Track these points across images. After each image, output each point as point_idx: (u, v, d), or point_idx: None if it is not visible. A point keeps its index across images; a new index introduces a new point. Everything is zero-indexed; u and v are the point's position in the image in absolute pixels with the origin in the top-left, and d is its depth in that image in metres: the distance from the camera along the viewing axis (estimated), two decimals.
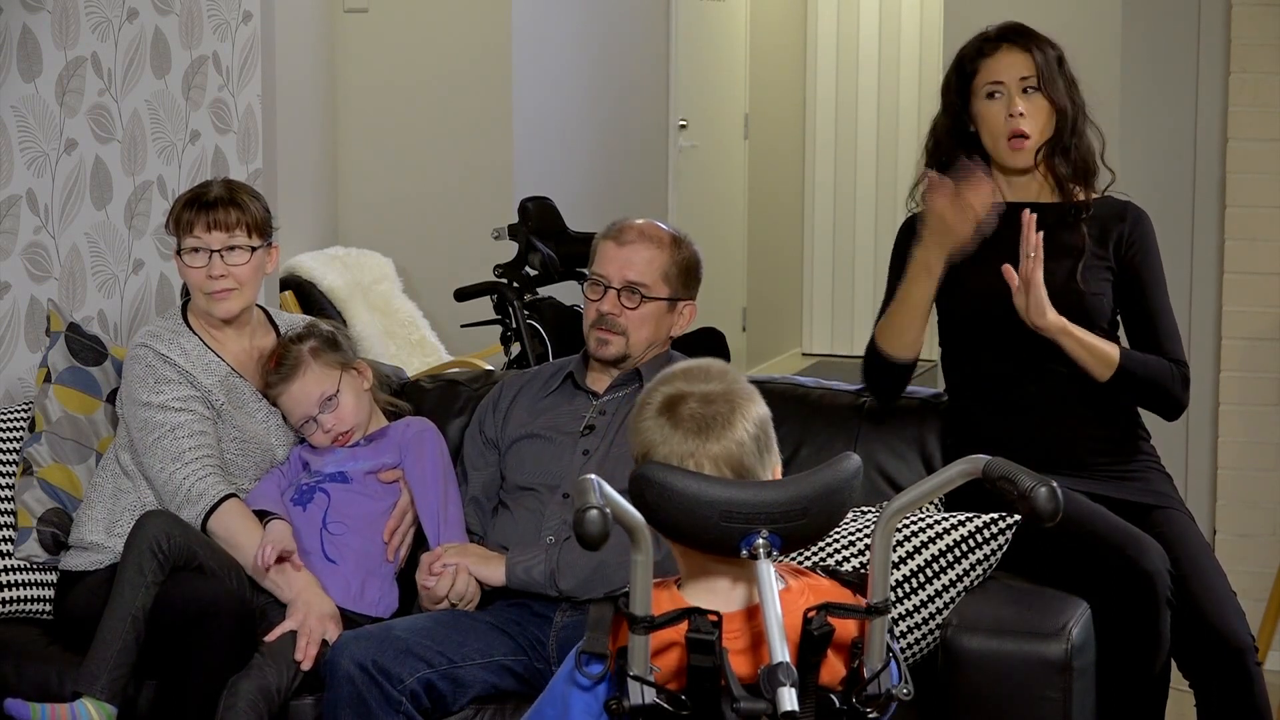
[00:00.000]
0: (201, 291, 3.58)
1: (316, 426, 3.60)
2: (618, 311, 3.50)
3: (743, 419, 2.39)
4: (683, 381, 2.41)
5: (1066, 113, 3.41)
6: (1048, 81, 3.40)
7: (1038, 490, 2.27)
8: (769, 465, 2.42)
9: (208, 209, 3.56)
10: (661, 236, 3.55)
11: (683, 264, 3.56)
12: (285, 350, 3.63)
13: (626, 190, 7.28)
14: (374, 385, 3.70)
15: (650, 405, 2.40)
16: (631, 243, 3.52)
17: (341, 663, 3.17)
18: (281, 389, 3.61)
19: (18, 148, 4.04)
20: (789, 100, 9.28)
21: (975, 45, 3.47)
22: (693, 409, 2.37)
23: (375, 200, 6.36)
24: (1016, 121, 3.39)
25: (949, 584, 3.21)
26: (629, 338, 3.50)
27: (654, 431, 2.38)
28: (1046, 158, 3.43)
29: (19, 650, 3.50)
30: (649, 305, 3.50)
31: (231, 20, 4.64)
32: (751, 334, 8.70)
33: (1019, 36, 3.44)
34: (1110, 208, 3.48)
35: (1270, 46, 4.68)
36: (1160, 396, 3.43)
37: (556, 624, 3.34)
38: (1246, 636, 3.24)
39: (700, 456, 2.36)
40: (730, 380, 2.43)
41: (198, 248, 3.56)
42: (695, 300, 3.60)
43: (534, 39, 6.45)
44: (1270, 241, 4.72)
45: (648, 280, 3.51)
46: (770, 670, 2.24)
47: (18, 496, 3.68)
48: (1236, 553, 4.69)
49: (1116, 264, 3.44)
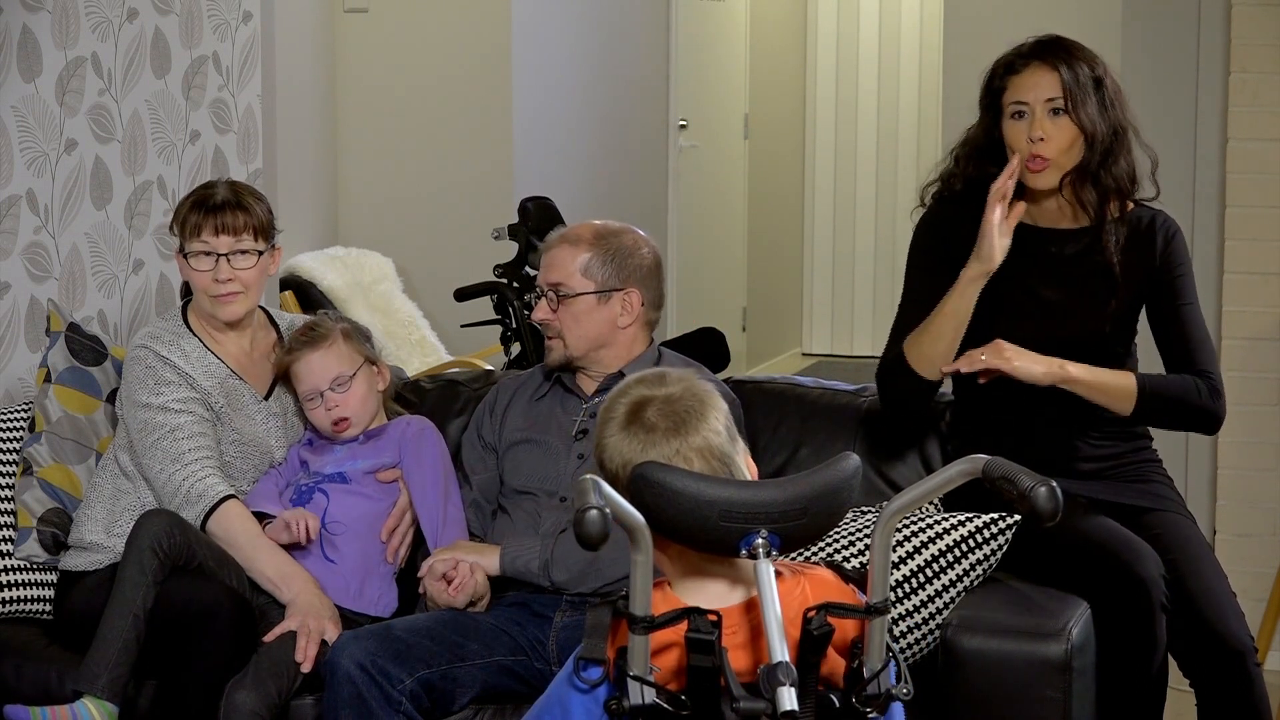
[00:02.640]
0: (207, 295, 3.58)
1: (320, 403, 3.59)
2: (549, 316, 3.51)
3: (713, 410, 2.42)
4: (640, 389, 2.44)
5: (1097, 137, 3.29)
6: (1076, 104, 3.28)
7: (1037, 490, 2.27)
8: (740, 452, 2.46)
9: (215, 212, 3.56)
10: (580, 234, 3.53)
11: (608, 255, 3.50)
12: (318, 321, 3.65)
13: (626, 190, 7.28)
14: (387, 390, 3.70)
15: (615, 420, 2.42)
16: (552, 248, 3.54)
17: (341, 663, 3.17)
18: (303, 354, 3.60)
19: (18, 148, 4.04)
20: (789, 100, 9.28)
21: (1008, 59, 3.36)
22: (661, 409, 2.40)
23: (375, 200, 6.36)
24: (1037, 146, 3.29)
25: (949, 584, 3.21)
26: (565, 339, 3.50)
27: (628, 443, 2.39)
28: (1071, 184, 3.33)
29: (19, 650, 3.50)
30: (575, 302, 3.49)
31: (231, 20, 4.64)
32: (751, 334, 8.70)
33: (1050, 53, 3.31)
34: (1139, 222, 3.39)
35: (1270, 46, 4.68)
36: (1190, 414, 3.36)
37: (556, 624, 3.34)
38: (1246, 639, 3.23)
39: (687, 451, 2.37)
40: (687, 379, 2.46)
41: (205, 251, 3.55)
42: (637, 289, 3.50)
43: (534, 39, 6.44)
44: (1270, 241, 4.72)
45: (565, 279, 3.50)
46: (770, 670, 2.24)
47: (18, 496, 3.68)
48: (1236, 553, 4.69)
49: (1148, 283, 3.37)
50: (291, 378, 3.63)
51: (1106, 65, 3.37)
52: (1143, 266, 3.38)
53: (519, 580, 3.41)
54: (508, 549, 3.39)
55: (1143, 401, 3.32)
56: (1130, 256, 3.37)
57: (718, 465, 2.40)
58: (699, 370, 3.56)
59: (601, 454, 2.43)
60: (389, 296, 5.99)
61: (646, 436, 2.39)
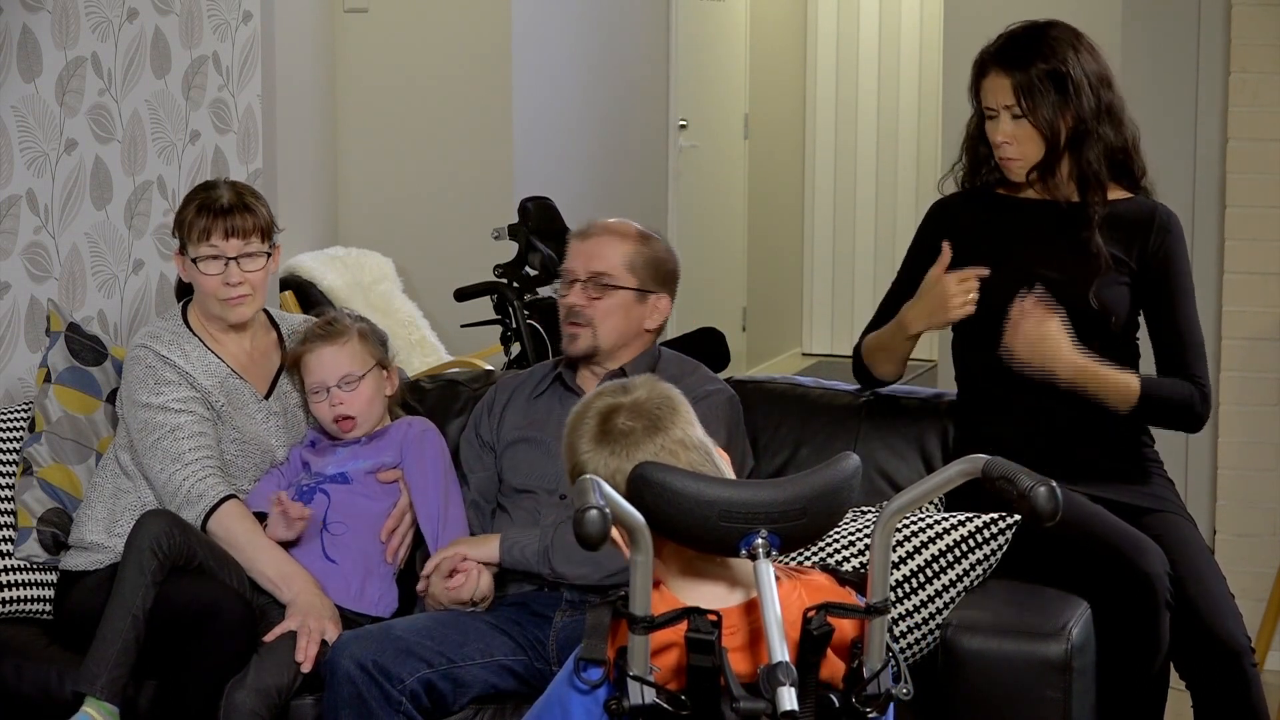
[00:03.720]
0: (217, 298, 3.58)
1: (326, 399, 3.59)
2: (584, 303, 3.50)
3: (682, 405, 2.46)
4: (608, 397, 2.46)
5: (1059, 134, 3.35)
6: (1028, 109, 3.34)
7: (1037, 490, 2.27)
8: (713, 444, 2.48)
9: (223, 215, 3.55)
10: (627, 230, 3.56)
11: (650, 257, 3.54)
12: (337, 317, 3.66)
13: (626, 190, 7.28)
14: (395, 396, 3.70)
15: (586, 434, 2.43)
16: (596, 236, 3.54)
17: (341, 663, 3.17)
18: (317, 347, 3.61)
19: (18, 148, 4.04)
20: (789, 100, 9.28)
21: (979, 59, 3.44)
22: (631, 414, 2.42)
23: (375, 200, 6.36)
24: (1001, 148, 3.39)
25: (949, 584, 3.21)
26: (596, 329, 3.50)
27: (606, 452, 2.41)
28: (1039, 180, 3.41)
29: (19, 650, 3.50)
30: (615, 295, 3.50)
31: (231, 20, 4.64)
32: (751, 334, 8.70)
33: (1005, 59, 3.38)
34: (1138, 210, 3.43)
35: (1270, 46, 4.68)
36: (1180, 417, 3.41)
37: (556, 624, 3.34)
38: (1243, 640, 3.24)
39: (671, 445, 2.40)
40: (650, 383, 2.48)
41: (214, 255, 3.55)
42: (669, 296, 3.57)
43: (534, 39, 6.45)
44: (1270, 241, 4.72)
45: (611, 270, 3.51)
46: (770, 670, 2.24)
47: (18, 496, 3.68)
48: (1236, 553, 4.69)
49: (1141, 272, 3.40)
50: (301, 369, 3.64)
51: (1081, 45, 3.39)
52: (1135, 255, 3.40)
53: (519, 579, 3.41)
54: (506, 538, 3.39)
55: (1142, 404, 3.34)
56: (1123, 234, 3.40)
57: (699, 456, 2.42)
58: (696, 369, 3.57)
59: (581, 469, 2.43)
60: (389, 296, 5.99)
61: (626, 441, 2.39)
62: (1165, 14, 4.84)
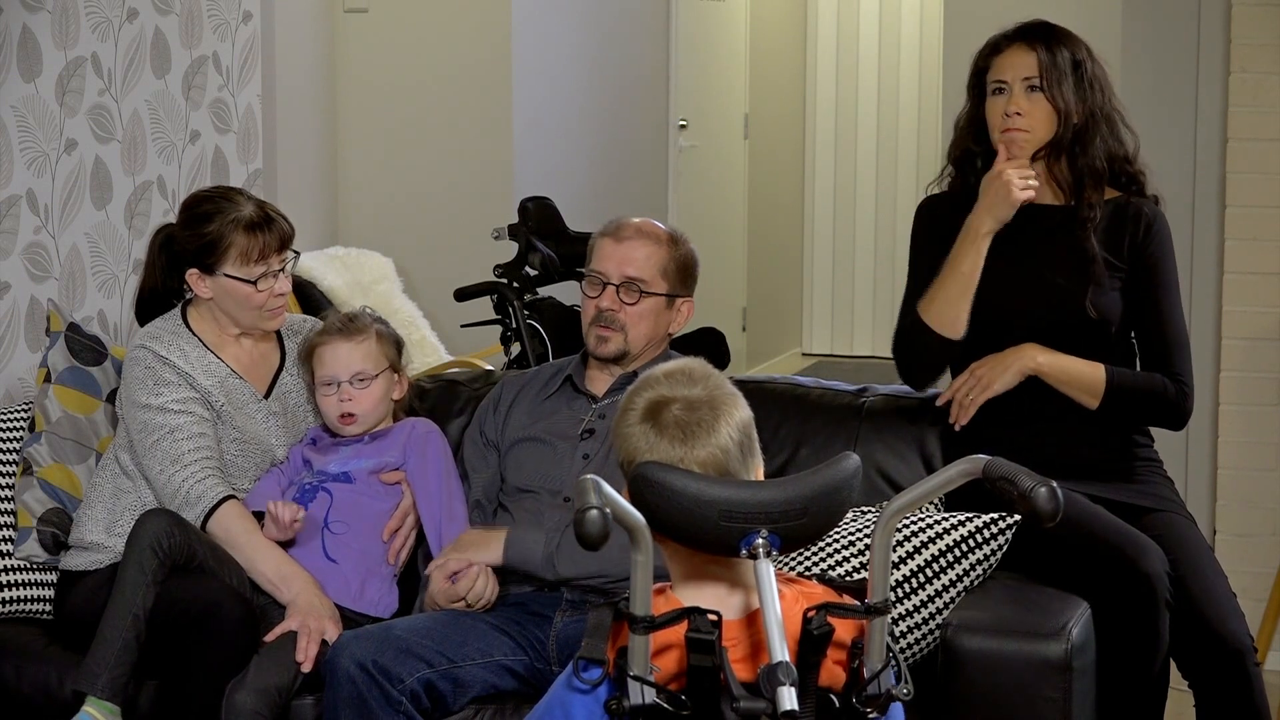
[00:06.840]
0: (263, 310, 3.58)
1: (335, 393, 3.60)
2: (617, 307, 3.51)
3: (726, 424, 2.40)
4: (665, 386, 2.41)
5: (1071, 116, 3.37)
6: (1050, 83, 3.36)
7: (1037, 490, 2.27)
8: (752, 468, 2.43)
9: (270, 230, 3.55)
10: (659, 234, 3.57)
11: (680, 261, 3.57)
12: (358, 315, 3.68)
13: (626, 190, 7.28)
14: (401, 400, 3.70)
15: (634, 411, 2.41)
16: (630, 239, 3.53)
17: (341, 663, 3.17)
18: (334, 340, 3.62)
19: (18, 148, 4.04)
20: (789, 100, 9.28)
21: (994, 40, 3.45)
22: (676, 415, 2.38)
23: (375, 200, 6.36)
24: (1011, 119, 3.38)
25: (949, 584, 3.21)
26: (628, 334, 3.51)
27: (639, 439, 2.39)
28: (1045, 159, 3.41)
29: (19, 650, 3.50)
30: (648, 300, 3.51)
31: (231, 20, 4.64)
32: (751, 334, 8.70)
33: (1032, 35, 3.40)
34: (1126, 207, 3.44)
35: (1270, 46, 4.68)
36: (1157, 410, 3.41)
37: (556, 624, 3.34)
38: (1245, 638, 3.24)
39: (689, 462, 2.36)
40: (713, 385, 2.43)
41: (271, 271, 3.56)
42: (692, 298, 3.60)
43: (534, 39, 6.44)
44: (1270, 241, 4.72)
45: (646, 276, 3.52)
46: (770, 670, 2.24)
47: (18, 496, 3.68)
48: (1236, 553, 4.69)
49: (1128, 267, 3.42)
50: (314, 360, 3.64)
51: (1093, 53, 3.43)
52: (1123, 244, 3.41)
53: (519, 579, 3.41)
54: (512, 539, 3.39)
55: (1109, 395, 3.35)
56: (1112, 232, 3.41)
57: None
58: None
59: (616, 440, 2.43)
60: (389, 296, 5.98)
61: (656, 438, 2.38)
62: (1165, 14, 4.84)
